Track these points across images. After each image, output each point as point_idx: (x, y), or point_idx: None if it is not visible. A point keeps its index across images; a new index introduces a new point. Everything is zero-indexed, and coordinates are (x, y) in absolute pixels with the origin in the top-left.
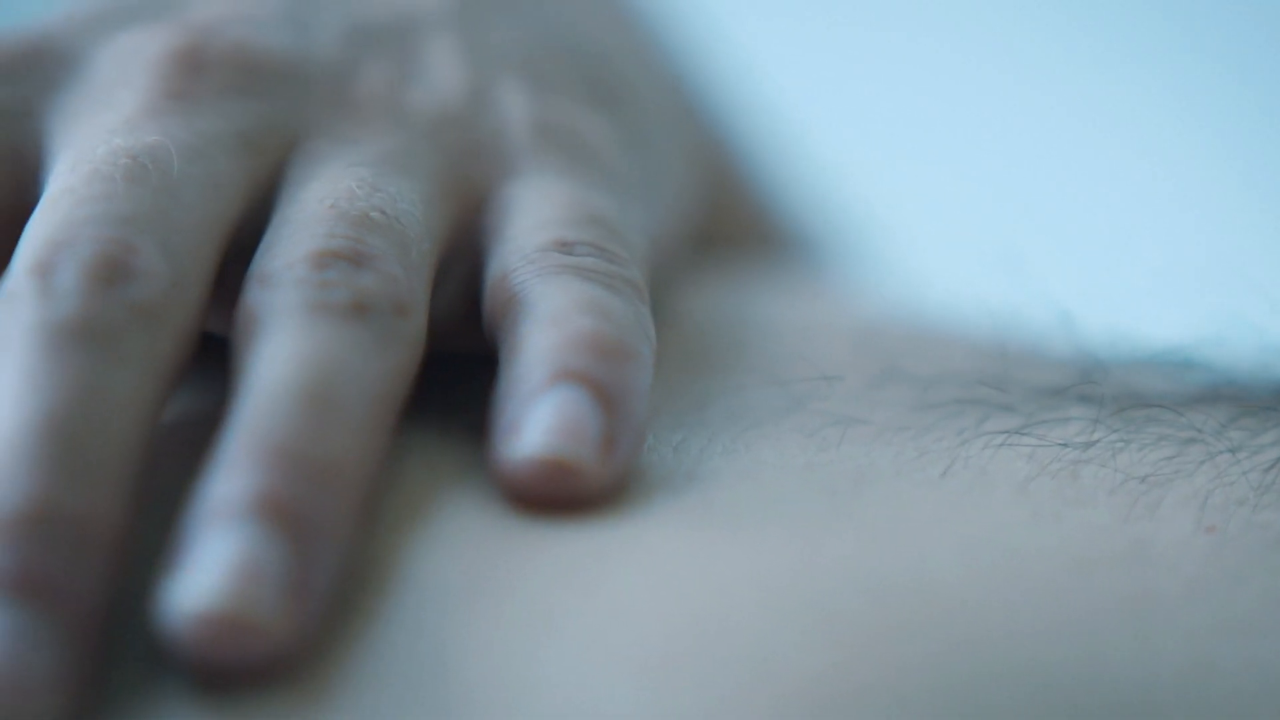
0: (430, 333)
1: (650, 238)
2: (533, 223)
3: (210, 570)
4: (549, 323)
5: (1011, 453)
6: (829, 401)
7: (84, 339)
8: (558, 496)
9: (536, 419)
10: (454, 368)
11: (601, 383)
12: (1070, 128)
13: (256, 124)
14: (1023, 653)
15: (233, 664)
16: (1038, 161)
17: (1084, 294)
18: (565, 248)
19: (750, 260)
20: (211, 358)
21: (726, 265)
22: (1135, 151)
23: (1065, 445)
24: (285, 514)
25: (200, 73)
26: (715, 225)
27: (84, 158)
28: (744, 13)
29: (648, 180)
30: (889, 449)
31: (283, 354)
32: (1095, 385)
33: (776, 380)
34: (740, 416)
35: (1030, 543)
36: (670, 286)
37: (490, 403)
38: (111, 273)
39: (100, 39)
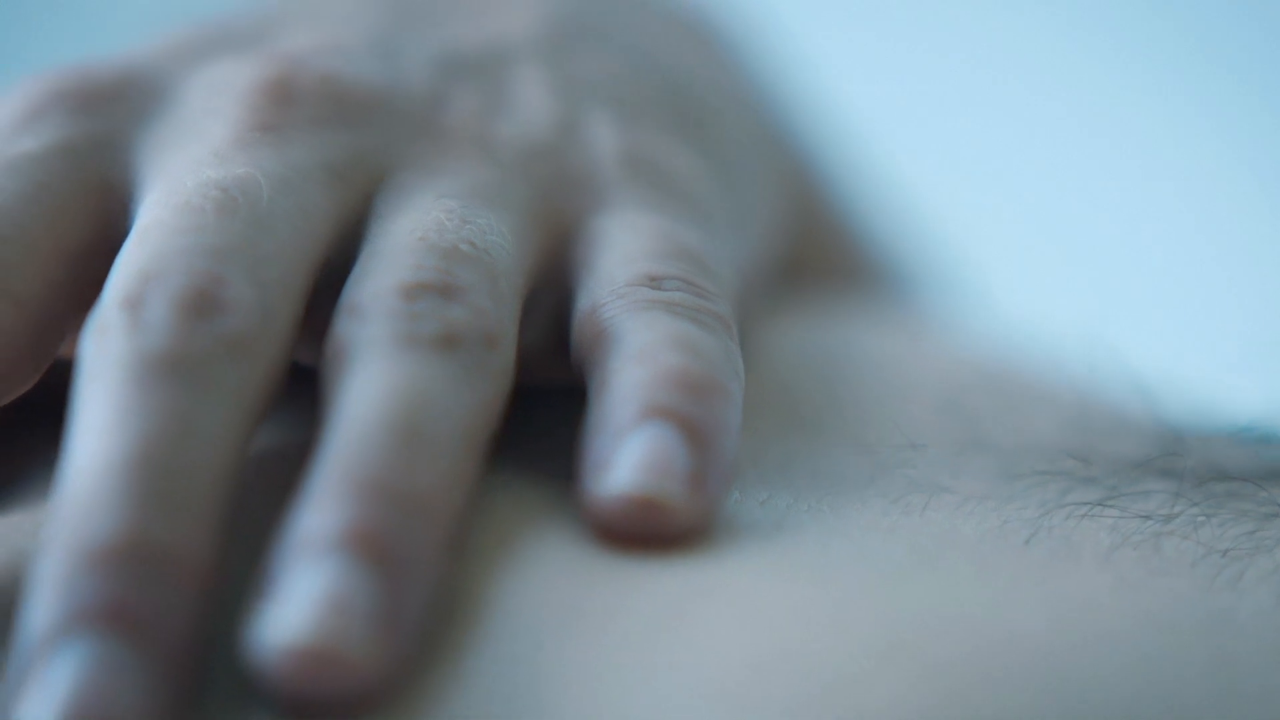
0: (517, 365)
1: (738, 271)
2: (621, 256)
3: (300, 603)
4: (638, 359)
5: (1094, 524)
6: (914, 468)
7: (173, 371)
8: (647, 534)
9: (626, 456)
10: (542, 399)
11: (690, 419)
12: (1170, 184)
13: (346, 155)
14: (1107, 706)
15: (322, 697)
16: (1130, 211)
17: (1166, 360)
18: (654, 282)
19: (838, 292)
20: (299, 389)
21: (814, 298)
22: (1230, 223)
23: (1148, 518)
24: (375, 547)
25: (290, 104)
26: (802, 255)
27: (174, 189)
28: (831, 39)
29: (735, 212)
30: (972, 517)
31: (372, 386)
32: (1176, 459)
33: (863, 445)
34: (826, 479)
35: (1114, 604)
36: (758, 320)
37: (579, 437)
38: (201, 305)
39: (190, 70)
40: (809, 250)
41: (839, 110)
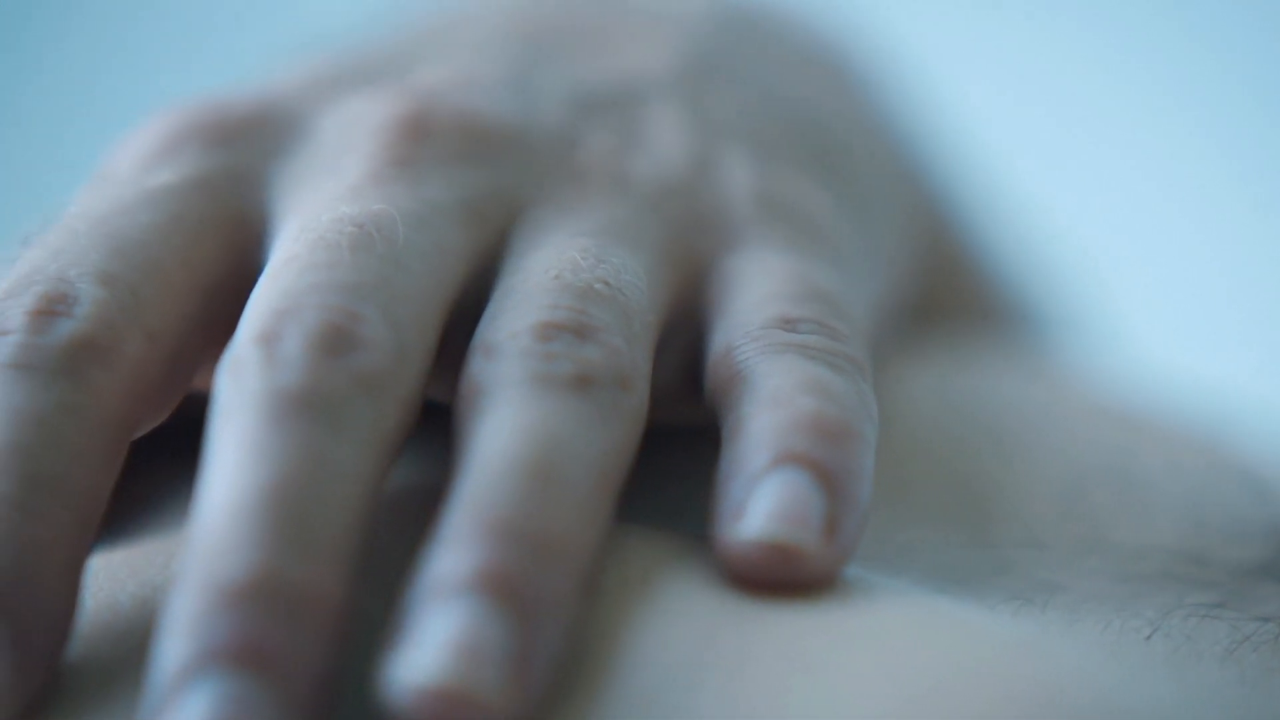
0: (650, 405)
1: (872, 312)
2: (756, 298)
3: (433, 644)
4: (772, 403)
5: (1214, 625)
6: (1035, 566)
7: (308, 408)
8: (781, 579)
9: (760, 502)
10: (674, 440)
11: (824, 465)
12: None
13: (481, 192)
14: None
15: None
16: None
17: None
18: (789, 324)
19: (969, 333)
20: (431, 426)
21: (945, 340)
22: None
23: (1267, 620)
24: (508, 589)
25: (426, 140)
26: (934, 293)
27: (309, 225)
28: (962, 75)
29: (868, 251)
30: (1092, 615)
31: (506, 426)
32: None
33: (986, 541)
34: (947, 572)
35: (1239, 694)
36: (891, 363)
37: (711, 480)
38: (336, 342)
39: (325, 104)
40: (941, 288)
41: (969, 142)
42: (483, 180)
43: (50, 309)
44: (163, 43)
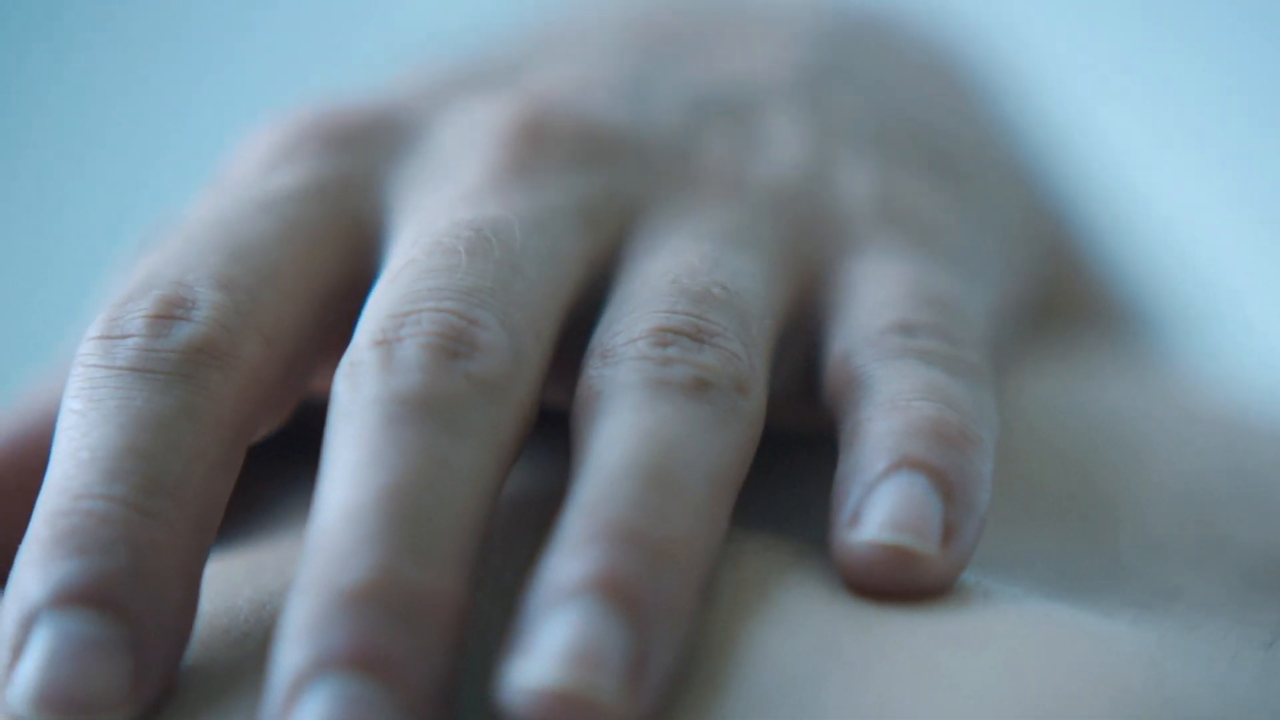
0: (767, 410)
1: (992, 317)
2: (874, 303)
3: (551, 647)
4: (890, 408)
5: None
6: (1154, 573)
7: (426, 412)
8: (899, 584)
9: (878, 507)
10: (791, 446)
11: (943, 471)
12: None
13: (598, 197)
14: None
15: None
16: None
17: None
18: (907, 330)
19: (1088, 338)
20: (547, 431)
21: (1064, 345)
22: None
23: None
24: (625, 594)
25: (543, 145)
26: (1053, 299)
27: (427, 230)
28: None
29: (988, 256)
30: (1211, 622)
31: (623, 431)
32: None
33: (1105, 548)
34: (1066, 578)
35: None
36: (1011, 368)
37: (828, 485)
38: (454, 346)
39: (442, 110)
40: (1058, 292)
41: (1083, 146)
42: (599, 185)
43: (169, 313)
44: (261, 43)
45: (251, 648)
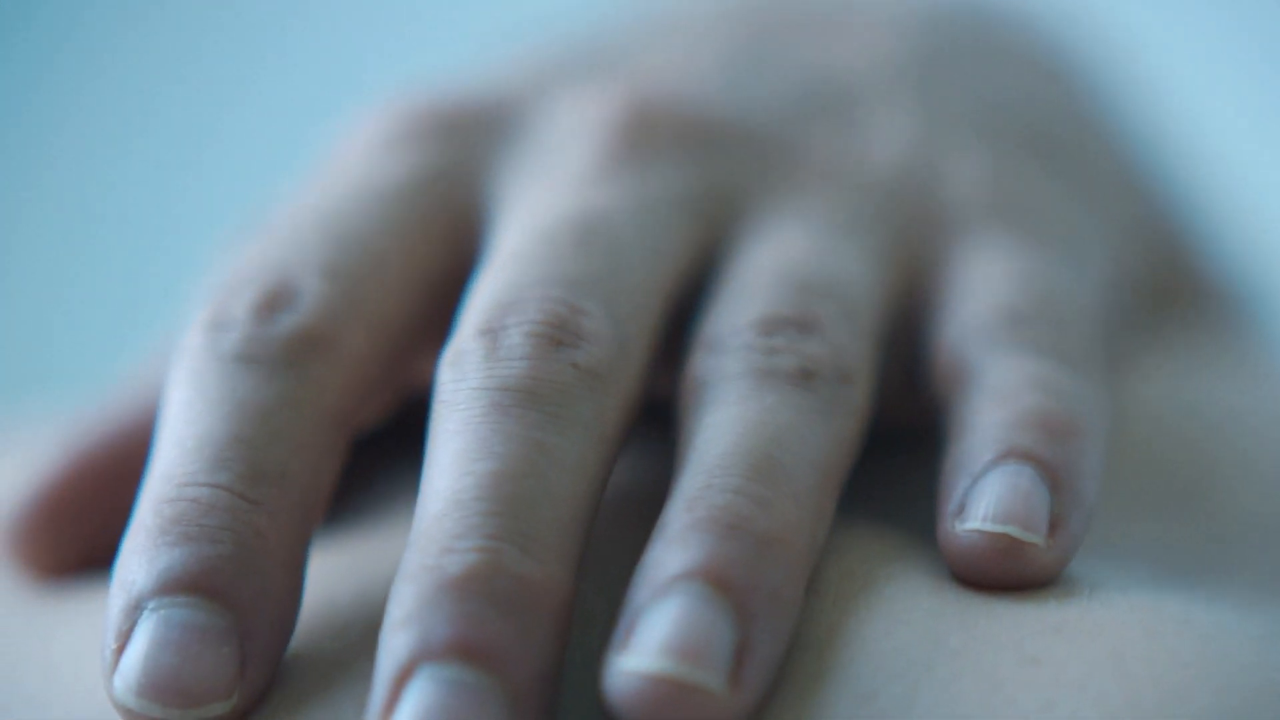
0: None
1: (1103, 308)
2: (982, 293)
3: (655, 636)
4: (997, 399)
5: None
6: (1265, 563)
7: (530, 401)
8: (1005, 575)
9: (984, 497)
10: (898, 436)
11: (1050, 462)
12: None
13: (703, 187)
14: None
15: None
16: None
17: None
18: (1016, 320)
19: (1199, 330)
20: (654, 422)
21: (1176, 337)
22: None
23: None
24: (730, 584)
25: (649, 136)
26: (1161, 291)
27: (532, 220)
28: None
29: (1097, 247)
30: None
31: (729, 421)
32: None
33: (1215, 538)
34: (1176, 569)
35: None
36: (1121, 359)
37: (936, 477)
38: (559, 335)
39: (546, 100)
40: (1167, 285)
41: (1189, 137)
42: (705, 175)
43: (274, 302)
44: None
45: (355, 637)
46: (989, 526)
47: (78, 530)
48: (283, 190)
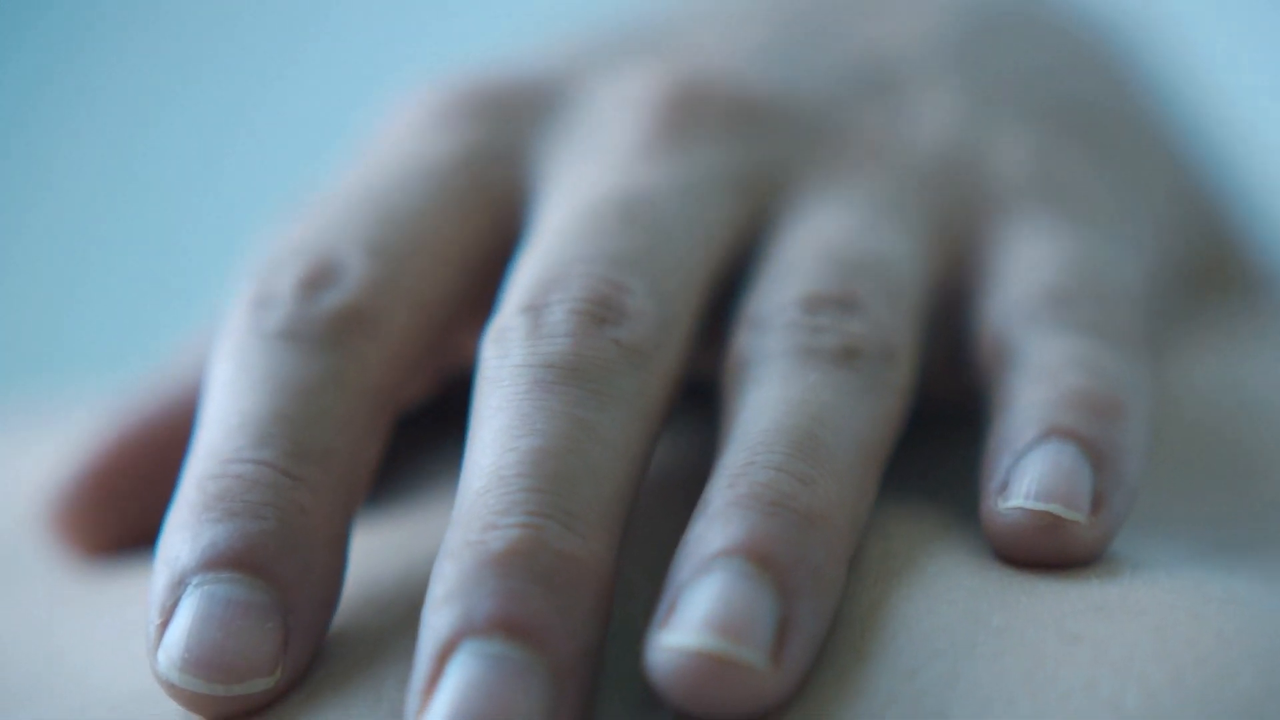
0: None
1: (1148, 288)
2: (1026, 272)
3: (696, 614)
4: (1040, 377)
5: None
6: None
7: (573, 378)
8: (1047, 553)
9: (1026, 475)
10: (941, 416)
11: (1093, 440)
12: None
13: (747, 166)
14: None
15: (721, 705)
16: None
17: None
18: (1060, 299)
19: (1244, 312)
20: (692, 401)
21: (1222, 318)
22: None
23: None
24: (771, 560)
25: (693, 115)
26: (1207, 274)
27: (575, 197)
28: (1226, 53)
29: (1143, 229)
30: None
31: (771, 400)
32: None
33: (1261, 518)
34: (1221, 549)
35: None
36: (1167, 340)
37: (978, 454)
38: (602, 312)
39: (589, 78)
40: (1213, 267)
41: (1234, 123)
42: (749, 153)
43: (317, 279)
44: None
45: (398, 615)
46: (1032, 504)
47: (122, 508)
48: (326, 170)
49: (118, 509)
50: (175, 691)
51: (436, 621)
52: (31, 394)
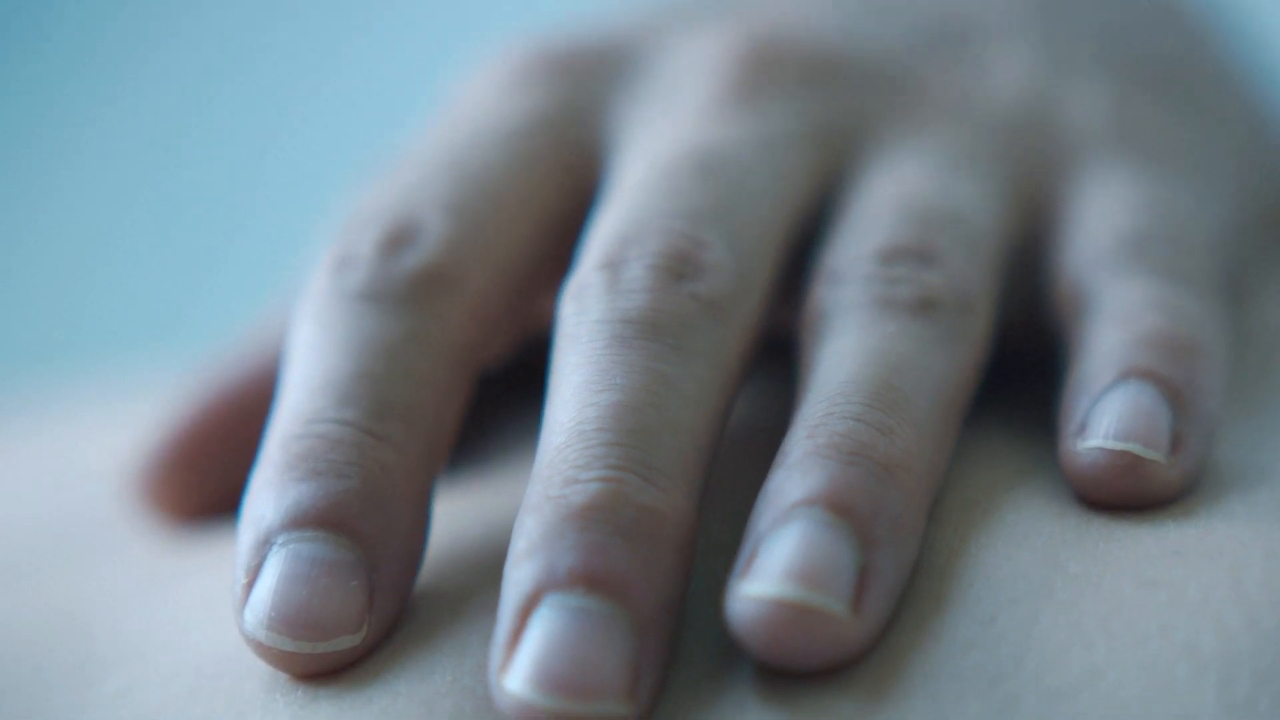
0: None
1: (1226, 235)
2: (1104, 219)
3: (776, 563)
4: (1118, 320)
5: None
6: None
7: (652, 332)
8: (1127, 494)
9: (1105, 416)
10: (1014, 367)
11: (1172, 381)
12: None
13: (824, 120)
14: None
15: (802, 654)
16: None
17: None
18: (1138, 244)
19: None
20: (773, 357)
21: None
22: None
23: None
24: (851, 509)
25: (769, 72)
26: None
27: (652, 154)
28: None
29: (1221, 178)
30: None
31: (849, 351)
32: None
33: None
34: None
35: None
36: (1244, 287)
37: (1056, 400)
38: (680, 267)
39: (665, 38)
40: None
41: None
42: (825, 108)
43: (398, 240)
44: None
45: (481, 571)
46: (1111, 444)
47: (209, 475)
48: (406, 133)
49: (205, 476)
50: (262, 650)
51: (519, 575)
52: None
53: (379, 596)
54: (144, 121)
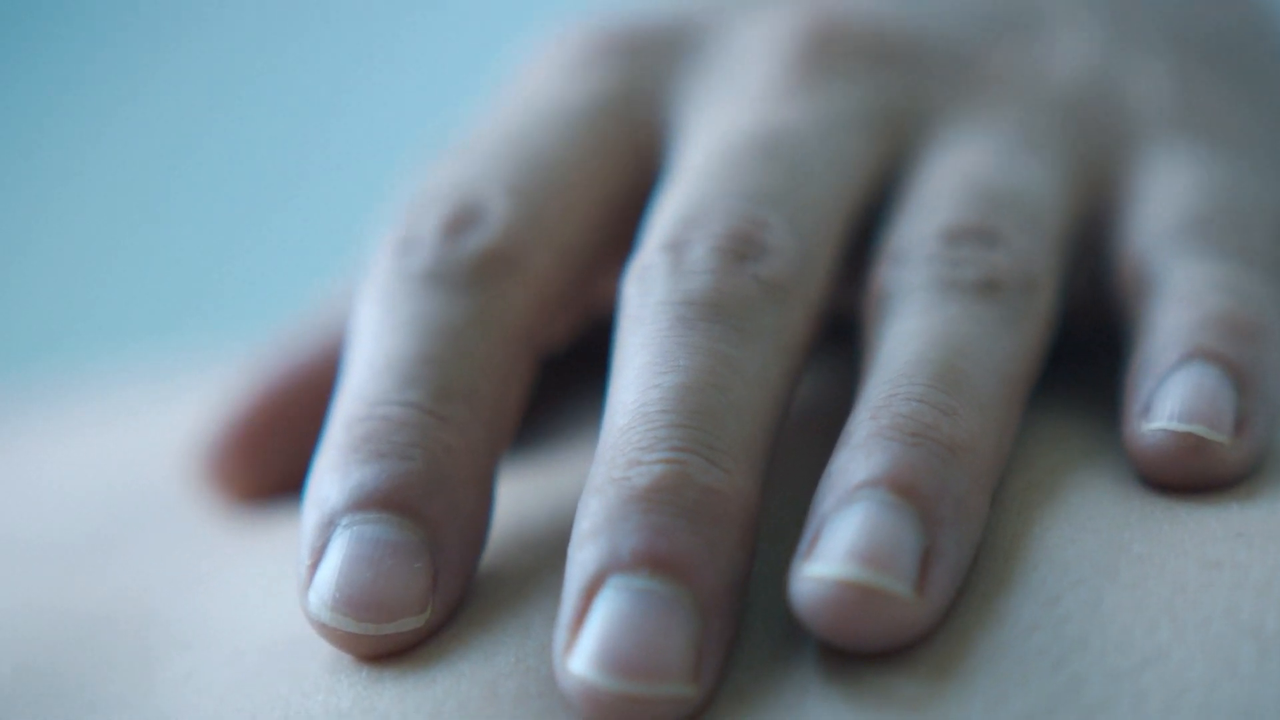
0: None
1: None
2: (1167, 200)
3: (840, 544)
4: (1182, 301)
5: None
6: None
7: (715, 314)
8: (1190, 474)
9: (1169, 397)
10: (1077, 348)
11: (1236, 362)
12: None
13: (886, 103)
14: None
15: (865, 635)
16: None
17: None
18: (1201, 225)
19: None
20: (835, 339)
21: None
22: None
23: None
24: (915, 490)
25: (832, 53)
26: None
27: (715, 136)
28: None
29: None
30: None
31: (913, 332)
32: None
33: None
34: None
35: None
36: None
37: (1119, 381)
38: (743, 248)
39: (727, 19)
40: None
41: None
42: (888, 90)
43: (460, 222)
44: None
45: (545, 553)
46: (1175, 425)
47: (273, 456)
48: (468, 115)
49: (270, 456)
50: (326, 631)
51: (582, 557)
52: (171, 351)
53: (443, 578)
54: (185, 101)
